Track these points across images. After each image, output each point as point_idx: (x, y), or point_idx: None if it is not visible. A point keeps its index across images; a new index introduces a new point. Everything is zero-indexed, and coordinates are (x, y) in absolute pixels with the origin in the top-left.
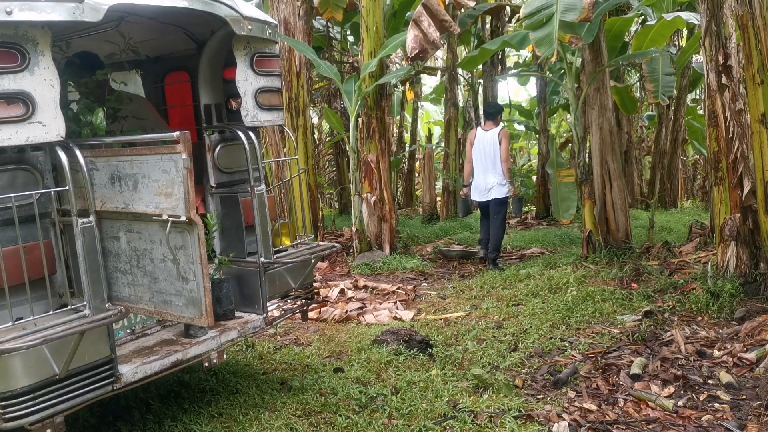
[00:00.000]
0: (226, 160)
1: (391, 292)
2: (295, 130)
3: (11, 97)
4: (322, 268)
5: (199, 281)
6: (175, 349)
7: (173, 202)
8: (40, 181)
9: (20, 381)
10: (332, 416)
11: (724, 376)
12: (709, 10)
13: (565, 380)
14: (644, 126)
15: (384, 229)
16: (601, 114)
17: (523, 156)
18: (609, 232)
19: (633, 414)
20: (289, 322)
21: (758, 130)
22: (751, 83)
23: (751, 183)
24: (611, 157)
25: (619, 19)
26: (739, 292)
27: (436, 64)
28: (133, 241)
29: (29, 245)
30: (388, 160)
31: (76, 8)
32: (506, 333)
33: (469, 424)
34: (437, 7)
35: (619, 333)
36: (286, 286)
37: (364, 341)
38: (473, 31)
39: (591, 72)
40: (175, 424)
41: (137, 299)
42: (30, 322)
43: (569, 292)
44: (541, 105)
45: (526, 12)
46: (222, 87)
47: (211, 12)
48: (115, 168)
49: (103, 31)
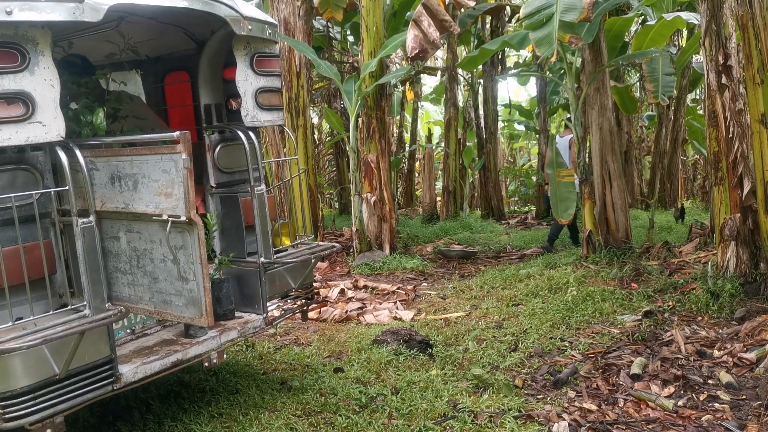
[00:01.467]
0: (226, 160)
1: (391, 292)
2: (295, 130)
3: (11, 97)
4: (322, 268)
5: (199, 281)
6: (175, 349)
7: (173, 202)
8: (40, 181)
9: (20, 381)
10: (332, 416)
11: (724, 376)
12: (709, 10)
13: (565, 380)
14: (644, 126)
15: (384, 229)
16: (601, 114)
17: (523, 156)
18: (609, 232)
19: (633, 414)
20: (289, 322)
21: (758, 130)
22: (751, 83)
23: (751, 183)
24: (611, 157)
25: (619, 19)
26: (739, 292)
27: (436, 64)
28: (133, 241)
29: (29, 245)
30: (388, 160)
31: (76, 8)
32: (506, 333)
33: (469, 424)
34: (437, 7)
35: (619, 333)
36: (286, 286)
37: (364, 341)
38: (473, 31)
39: (591, 72)
40: (175, 424)
41: (137, 299)
42: (30, 322)
43: (569, 292)
44: (541, 105)
45: (526, 12)
46: (222, 87)
47: (211, 12)
48: (115, 168)
49: (103, 31)
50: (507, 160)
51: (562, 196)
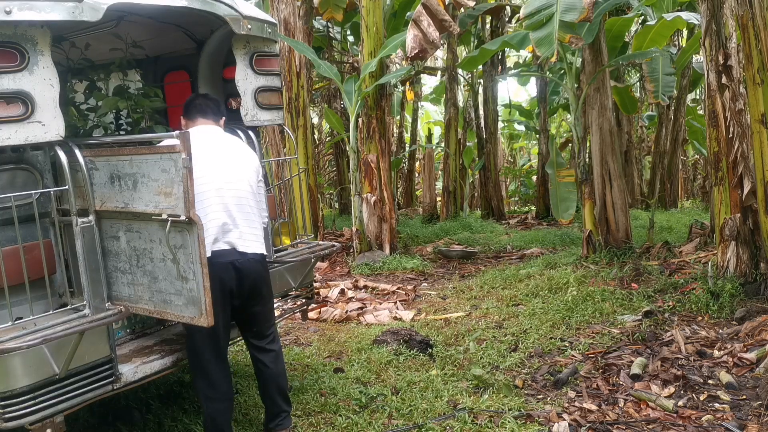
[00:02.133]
0: None
1: (391, 292)
2: (295, 130)
3: (10, 96)
4: (322, 268)
5: (198, 281)
6: (175, 349)
7: (173, 202)
8: (39, 181)
9: (20, 381)
10: (332, 416)
11: (724, 376)
12: (709, 10)
13: (565, 380)
14: (644, 126)
15: (384, 229)
16: (601, 114)
17: (523, 156)
18: (609, 232)
19: (633, 414)
20: (289, 322)
21: (758, 130)
22: (751, 83)
23: (751, 183)
24: (611, 157)
25: (619, 19)
26: (739, 292)
27: (436, 64)
28: (132, 241)
29: (29, 245)
30: (388, 160)
31: (75, 8)
32: (506, 333)
33: (469, 424)
34: (437, 7)
35: (619, 333)
36: (286, 285)
37: (364, 341)
38: (473, 31)
39: (591, 72)
40: (175, 424)
41: (137, 299)
42: (30, 322)
43: (569, 292)
44: (541, 105)
45: (526, 12)
46: (222, 86)
47: (210, 11)
48: (114, 167)
49: (103, 30)
50: (507, 160)
51: (562, 196)
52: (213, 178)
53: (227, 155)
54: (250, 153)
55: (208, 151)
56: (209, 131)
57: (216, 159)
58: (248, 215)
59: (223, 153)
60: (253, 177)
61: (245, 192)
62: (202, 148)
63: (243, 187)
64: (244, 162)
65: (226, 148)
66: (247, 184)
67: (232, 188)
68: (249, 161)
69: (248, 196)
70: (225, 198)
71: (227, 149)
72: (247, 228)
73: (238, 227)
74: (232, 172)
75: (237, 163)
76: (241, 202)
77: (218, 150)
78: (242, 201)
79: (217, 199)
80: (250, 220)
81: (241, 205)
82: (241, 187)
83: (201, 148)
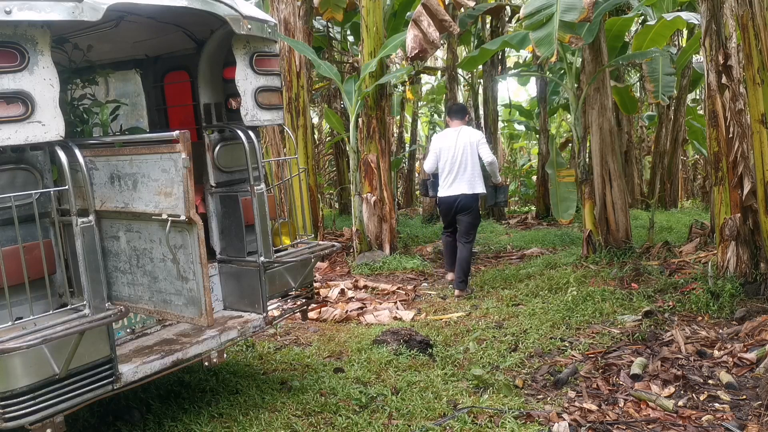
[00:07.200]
0: (226, 159)
1: (391, 292)
2: (295, 130)
3: (10, 96)
4: (322, 268)
5: (198, 280)
6: (175, 349)
7: (173, 202)
8: (39, 181)
9: (20, 381)
10: (332, 416)
11: (724, 376)
12: (709, 10)
13: (565, 380)
14: (644, 126)
15: (384, 229)
16: (601, 114)
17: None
18: (609, 232)
19: (633, 414)
20: (289, 322)
21: (758, 130)
22: (751, 83)
23: (751, 183)
24: (611, 157)
25: (619, 19)
26: (739, 292)
27: (436, 64)
28: (132, 241)
29: (29, 245)
30: (388, 160)
31: (75, 7)
32: (506, 333)
33: (469, 424)
34: (437, 7)
35: (619, 333)
36: (286, 285)
37: (364, 341)
38: (473, 31)
39: (591, 72)
40: (175, 424)
41: (137, 299)
42: (30, 322)
43: (569, 292)
44: (541, 105)
45: (526, 12)
46: (222, 86)
47: (210, 11)
48: (114, 167)
49: (103, 30)
50: (507, 160)
51: (562, 196)
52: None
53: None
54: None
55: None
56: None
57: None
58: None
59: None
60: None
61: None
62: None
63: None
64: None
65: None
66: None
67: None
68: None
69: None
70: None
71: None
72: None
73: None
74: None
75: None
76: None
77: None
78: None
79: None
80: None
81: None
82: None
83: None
